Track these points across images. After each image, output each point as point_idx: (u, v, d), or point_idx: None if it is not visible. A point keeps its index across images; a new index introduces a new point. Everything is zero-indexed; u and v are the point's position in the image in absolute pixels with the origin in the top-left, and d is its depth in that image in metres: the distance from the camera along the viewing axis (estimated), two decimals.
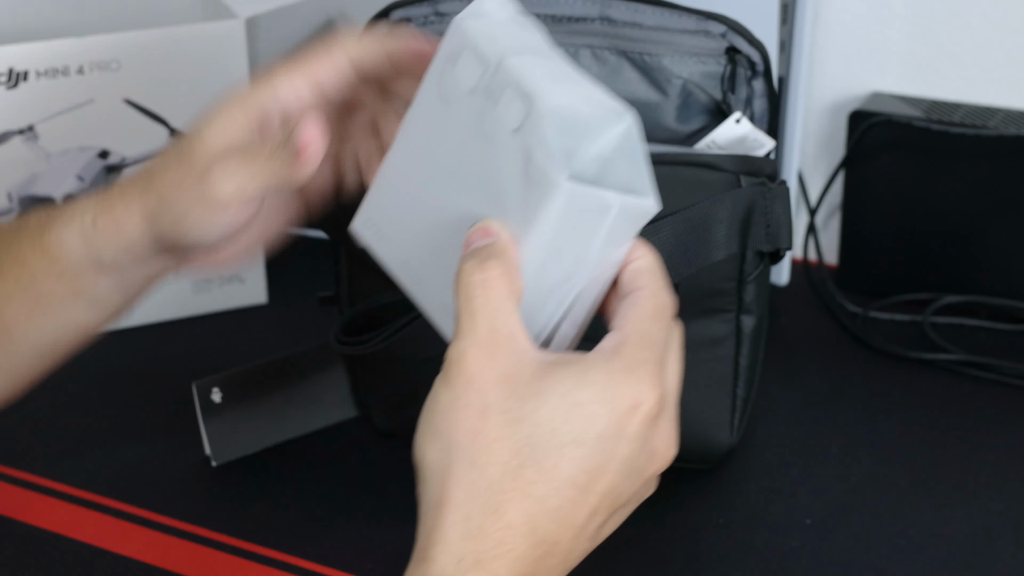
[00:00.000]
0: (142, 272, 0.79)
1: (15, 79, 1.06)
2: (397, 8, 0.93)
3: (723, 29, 0.89)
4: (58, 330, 0.81)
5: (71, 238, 0.78)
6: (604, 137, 0.65)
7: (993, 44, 1.15)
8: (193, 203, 0.74)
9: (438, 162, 0.68)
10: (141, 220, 0.76)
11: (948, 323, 1.13)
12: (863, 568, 0.86)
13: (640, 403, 0.62)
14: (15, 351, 0.81)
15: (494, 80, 0.65)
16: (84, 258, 0.78)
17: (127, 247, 0.77)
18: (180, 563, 0.87)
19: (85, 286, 0.79)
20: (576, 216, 0.64)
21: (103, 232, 0.77)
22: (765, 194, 0.87)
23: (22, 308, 0.80)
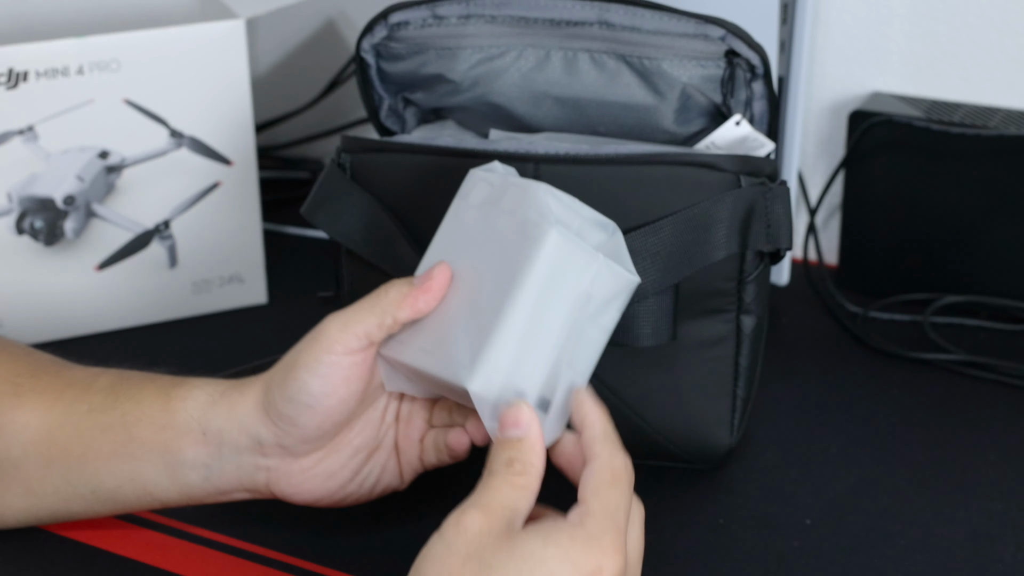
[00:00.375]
0: (233, 461, 0.82)
1: (15, 79, 1.06)
2: (396, 11, 0.93)
3: (722, 32, 0.89)
4: (128, 480, 0.84)
5: (198, 396, 0.82)
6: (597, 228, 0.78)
7: (993, 44, 1.15)
8: (302, 351, 0.79)
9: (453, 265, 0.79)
10: (258, 391, 0.81)
11: (948, 323, 1.13)
12: (863, 568, 0.86)
13: (602, 569, 0.69)
14: (80, 482, 0.84)
15: (498, 189, 0.78)
16: (196, 419, 0.82)
17: (237, 420, 0.81)
18: (180, 563, 0.87)
19: (178, 447, 0.82)
20: (564, 264, 0.75)
21: (224, 400, 0.82)
22: (765, 194, 0.87)
23: (111, 444, 0.83)
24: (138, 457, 0.83)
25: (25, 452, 0.83)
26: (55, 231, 1.10)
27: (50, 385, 0.85)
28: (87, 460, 0.83)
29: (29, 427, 0.83)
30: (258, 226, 1.16)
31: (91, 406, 0.83)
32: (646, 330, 0.87)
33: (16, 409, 0.84)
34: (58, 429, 0.83)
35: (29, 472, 0.84)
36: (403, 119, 0.99)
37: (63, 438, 0.83)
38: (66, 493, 0.84)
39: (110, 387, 0.84)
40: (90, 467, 0.83)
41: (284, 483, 0.83)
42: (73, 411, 0.83)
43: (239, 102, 1.12)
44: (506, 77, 0.92)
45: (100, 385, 0.85)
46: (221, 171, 1.13)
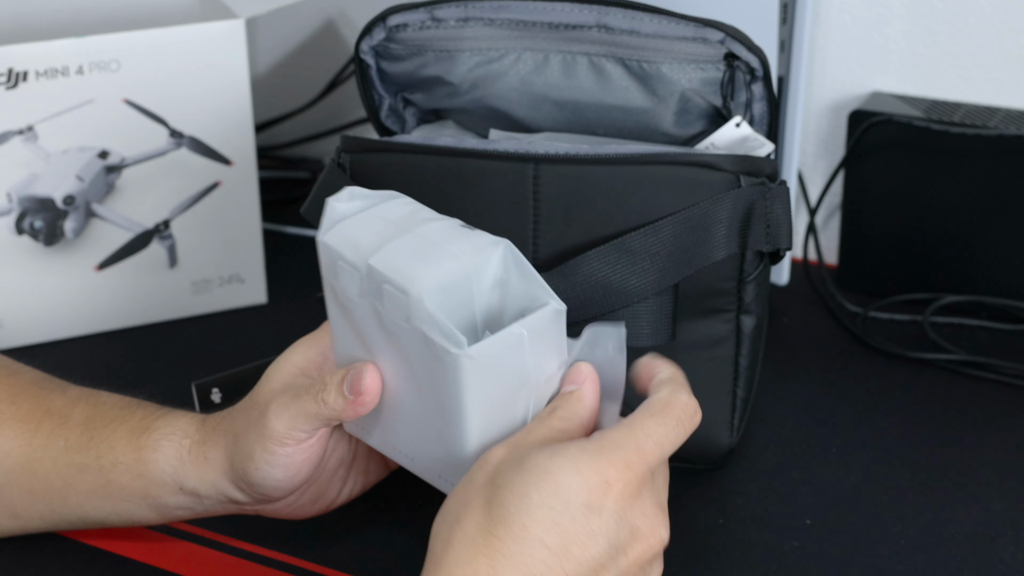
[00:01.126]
0: (217, 504, 0.82)
1: (15, 79, 1.05)
2: (394, 13, 0.93)
3: (721, 36, 0.88)
4: (113, 515, 0.84)
5: (166, 453, 0.81)
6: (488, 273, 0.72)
7: (993, 44, 1.15)
8: (255, 441, 0.78)
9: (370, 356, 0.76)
10: (224, 460, 0.80)
11: (948, 323, 1.13)
12: (863, 568, 0.86)
13: (611, 482, 0.66)
14: (63, 512, 0.84)
15: (371, 282, 0.72)
16: (169, 476, 0.81)
17: (210, 483, 0.80)
18: (180, 563, 0.87)
19: (159, 496, 0.82)
20: (496, 362, 0.71)
21: (193, 462, 0.81)
22: (765, 194, 0.87)
23: (90, 484, 0.83)
24: (118, 498, 0.83)
25: (8, 479, 0.84)
26: (55, 231, 1.10)
27: (30, 413, 0.84)
28: (68, 496, 0.83)
29: (10, 455, 0.83)
30: (258, 226, 1.16)
31: (67, 442, 0.83)
32: (646, 330, 0.87)
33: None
34: (37, 462, 0.83)
35: (13, 498, 0.84)
36: (403, 119, 0.99)
37: (43, 472, 0.83)
38: (52, 520, 0.85)
39: (85, 422, 0.83)
40: (73, 502, 0.83)
41: (269, 513, 0.83)
42: (51, 445, 0.83)
43: (239, 102, 1.12)
44: (505, 80, 0.92)
45: (76, 419, 0.84)
46: (221, 171, 1.13)
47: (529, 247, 0.88)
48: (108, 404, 0.85)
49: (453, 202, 0.89)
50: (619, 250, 0.86)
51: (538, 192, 0.88)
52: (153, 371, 1.08)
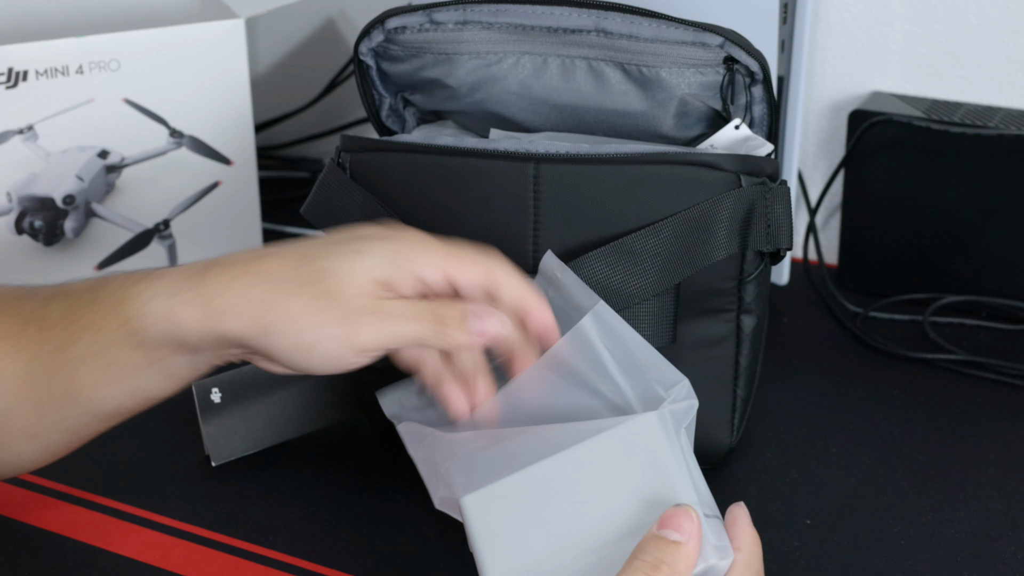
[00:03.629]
0: (215, 355, 0.80)
1: (15, 79, 1.06)
2: (393, 16, 0.93)
3: (720, 40, 0.88)
4: (125, 397, 0.81)
5: (154, 314, 0.78)
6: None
7: (993, 44, 1.15)
8: (328, 340, 0.75)
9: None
10: (247, 326, 0.76)
11: (948, 323, 1.13)
12: (863, 568, 0.86)
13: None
14: (77, 413, 0.82)
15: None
16: (164, 335, 0.78)
17: (218, 340, 0.77)
18: (180, 563, 0.87)
19: (160, 358, 0.79)
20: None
21: (195, 320, 0.77)
22: (765, 194, 0.87)
23: (92, 373, 0.80)
24: (124, 377, 0.80)
25: (15, 399, 0.81)
26: (55, 231, 1.10)
27: (9, 328, 0.81)
28: (75, 393, 0.81)
29: (6, 375, 0.81)
30: (258, 226, 1.16)
31: (55, 343, 0.80)
32: (647, 332, 0.87)
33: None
34: (34, 371, 0.80)
35: (24, 418, 0.82)
36: (403, 119, 0.99)
37: (43, 379, 0.80)
38: (69, 425, 0.82)
39: (65, 317, 0.80)
40: (81, 397, 0.81)
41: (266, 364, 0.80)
42: (41, 351, 0.80)
43: (239, 102, 1.12)
44: (503, 84, 0.92)
45: (54, 317, 0.81)
46: (221, 171, 1.13)
47: (529, 247, 0.88)
48: (80, 290, 0.82)
49: (453, 202, 0.89)
50: (620, 251, 0.86)
51: (538, 191, 0.88)
52: None
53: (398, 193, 0.90)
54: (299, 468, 0.95)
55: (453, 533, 0.89)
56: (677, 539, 0.69)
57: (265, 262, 0.78)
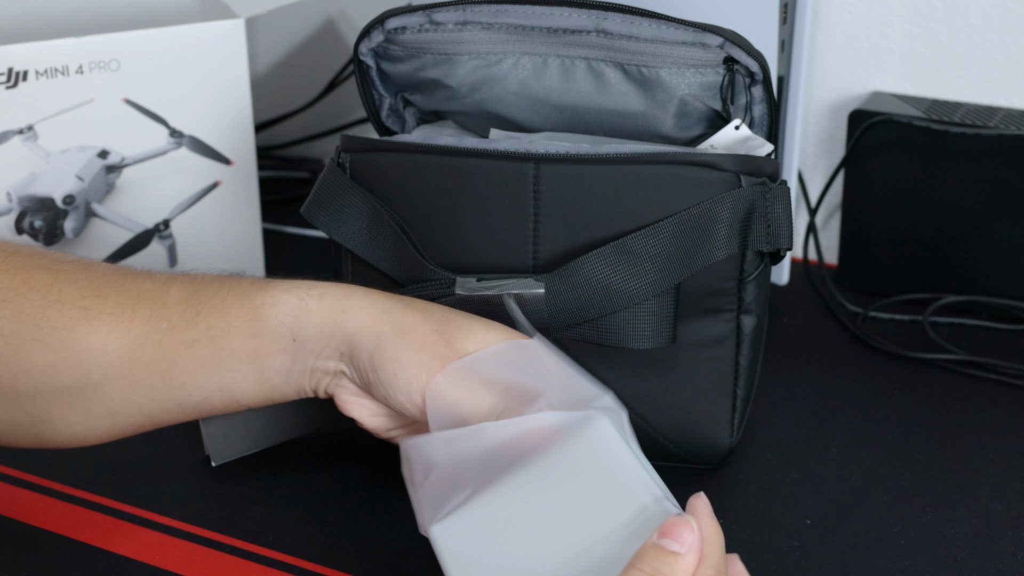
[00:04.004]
0: (310, 364, 0.82)
1: (15, 79, 1.06)
2: (392, 16, 0.93)
3: (720, 41, 0.88)
4: (216, 390, 0.83)
5: (288, 301, 0.81)
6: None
7: (993, 44, 1.15)
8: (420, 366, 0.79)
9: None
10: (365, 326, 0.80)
11: (948, 323, 1.13)
12: (863, 568, 0.86)
13: None
14: (166, 398, 0.83)
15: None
16: (288, 324, 0.81)
17: (331, 335, 0.80)
18: (180, 563, 0.87)
19: (267, 353, 0.81)
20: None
21: (320, 309, 0.81)
22: (765, 194, 0.87)
23: (198, 357, 0.82)
24: (227, 368, 0.81)
25: (107, 375, 0.81)
26: (55, 231, 1.10)
27: (120, 303, 0.82)
28: (173, 376, 0.81)
29: (108, 350, 0.81)
30: (258, 226, 1.16)
31: (171, 323, 0.81)
32: (647, 332, 0.87)
33: (91, 335, 0.81)
34: (139, 349, 0.81)
35: (112, 394, 0.82)
36: (403, 119, 0.99)
37: (145, 357, 0.81)
38: (151, 409, 0.83)
39: (186, 300, 0.82)
40: (176, 382, 0.82)
41: (339, 396, 0.83)
42: (153, 329, 0.81)
43: (239, 102, 1.12)
44: (503, 84, 0.92)
45: (174, 299, 0.82)
46: (221, 171, 1.13)
47: (529, 247, 0.88)
48: (207, 279, 0.84)
49: (453, 202, 0.89)
50: (620, 251, 0.86)
51: (538, 191, 0.88)
52: None
53: (398, 193, 0.90)
54: (299, 468, 0.95)
55: None
56: (677, 550, 0.68)
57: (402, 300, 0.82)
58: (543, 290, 0.86)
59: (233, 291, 0.82)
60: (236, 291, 0.82)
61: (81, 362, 0.81)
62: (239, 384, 0.82)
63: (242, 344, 0.81)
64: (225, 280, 0.83)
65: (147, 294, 0.82)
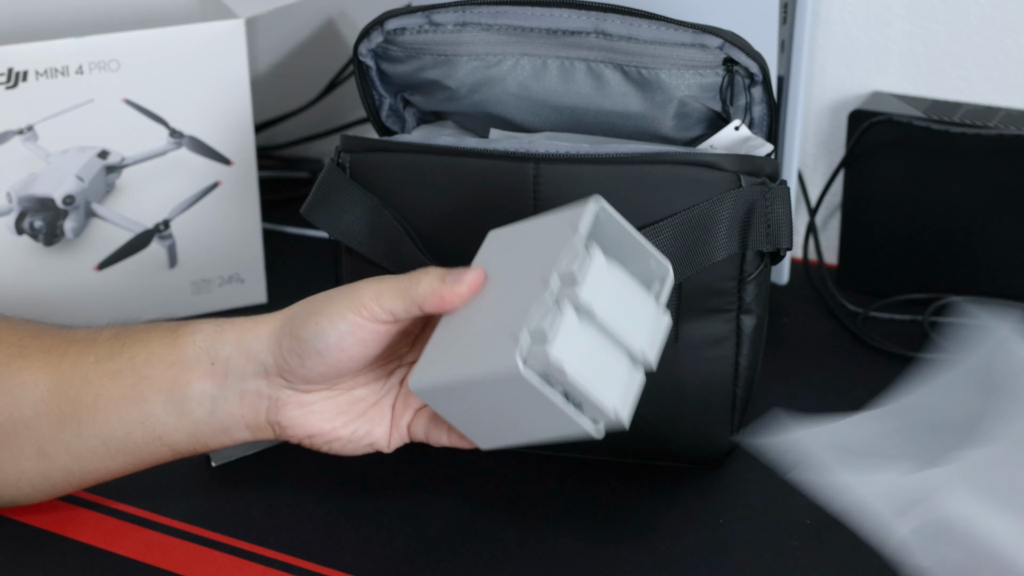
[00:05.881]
0: (237, 390, 0.83)
1: (15, 79, 1.06)
2: (392, 17, 0.93)
3: (720, 42, 0.88)
4: (137, 424, 0.84)
5: (205, 328, 0.84)
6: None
7: (993, 44, 1.15)
8: (329, 302, 0.80)
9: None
10: (276, 321, 0.82)
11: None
12: (863, 568, 0.86)
13: None
14: (90, 434, 0.85)
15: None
16: (204, 349, 0.83)
17: (247, 346, 0.82)
18: (180, 563, 0.87)
19: (186, 381, 0.83)
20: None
21: (233, 327, 0.83)
22: (765, 194, 0.87)
23: (120, 388, 0.84)
24: (147, 398, 0.83)
25: (36, 411, 0.84)
26: (55, 231, 1.10)
27: (54, 343, 0.86)
28: (97, 408, 0.84)
29: (38, 384, 0.84)
30: (258, 226, 1.16)
31: (97, 356, 0.84)
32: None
33: (24, 370, 0.85)
34: (67, 383, 0.84)
35: (41, 431, 0.84)
36: (403, 119, 0.99)
37: (72, 391, 0.84)
38: (77, 449, 0.85)
39: (115, 336, 0.85)
40: (100, 415, 0.84)
41: (282, 414, 0.83)
42: (80, 363, 0.84)
43: (239, 102, 1.12)
44: (503, 85, 0.92)
45: (104, 337, 0.86)
46: (221, 171, 1.13)
47: None
48: (139, 323, 0.87)
49: (453, 202, 0.89)
50: None
51: (538, 191, 0.88)
52: None
53: (398, 193, 0.90)
54: (299, 468, 0.95)
55: (453, 534, 0.89)
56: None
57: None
58: None
59: (160, 327, 0.85)
60: (163, 327, 0.85)
61: (13, 397, 0.84)
62: (159, 416, 0.84)
63: (161, 372, 0.83)
64: (156, 322, 0.87)
65: (81, 336, 0.86)
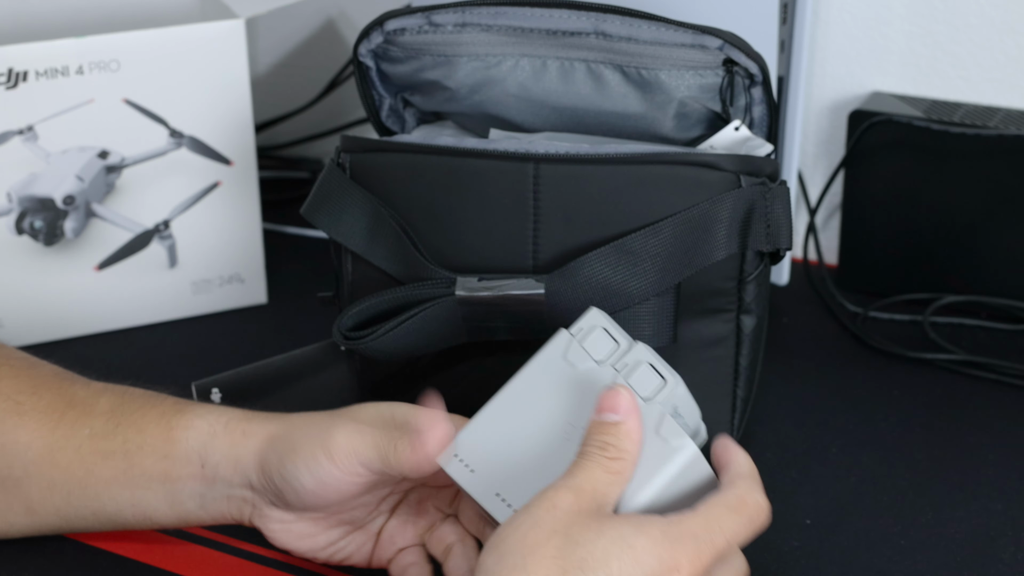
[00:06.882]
0: (225, 493, 0.82)
1: (15, 79, 1.06)
2: (391, 18, 0.92)
3: (720, 43, 0.88)
4: (129, 506, 0.83)
5: (198, 430, 0.82)
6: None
7: (993, 44, 1.15)
8: (309, 441, 0.78)
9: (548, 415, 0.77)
10: (264, 441, 0.80)
11: (948, 323, 1.13)
12: (863, 568, 0.87)
13: (681, 568, 0.69)
14: (80, 504, 0.84)
15: (627, 357, 0.77)
16: (195, 450, 0.81)
17: (235, 459, 0.81)
18: (180, 563, 0.87)
19: (177, 476, 0.82)
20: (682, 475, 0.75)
21: (226, 434, 0.81)
22: (765, 194, 0.87)
23: (112, 469, 0.83)
24: (139, 485, 0.83)
25: (27, 472, 0.83)
26: (55, 231, 1.10)
27: (52, 404, 0.84)
28: (88, 484, 0.83)
29: (31, 447, 0.83)
30: (258, 226, 1.16)
31: (92, 430, 0.83)
32: (647, 332, 0.87)
33: (19, 428, 0.84)
34: (59, 452, 0.83)
35: (30, 492, 0.84)
36: (403, 119, 0.99)
37: (64, 461, 0.83)
38: (67, 513, 0.84)
39: (111, 410, 0.84)
40: (91, 491, 0.83)
41: (263, 524, 0.83)
42: (75, 434, 0.83)
43: (239, 102, 1.12)
44: (503, 86, 0.92)
45: (102, 407, 0.84)
46: (221, 171, 1.13)
47: (529, 247, 0.88)
48: (135, 393, 0.85)
49: (453, 202, 0.89)
50: (620, 251, 0.86)
51: (538, 192, 0.88)
52: (153, 371, 1.08)
53: (398, 193, 0.90)
54: None
55: None
56: (616, 419, 0.72)
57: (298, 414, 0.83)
58: (543, 290, 0.86)
59: (155, 408, 0.84)
60: (157, 409, 0.84)
61: (5, 455, 0.84)
62: (150, 503, 0.83)
63: (154, 464, 0.82)
64: (150, 397, 0.85)
65: (79, 400, 0.85)
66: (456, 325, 0.89)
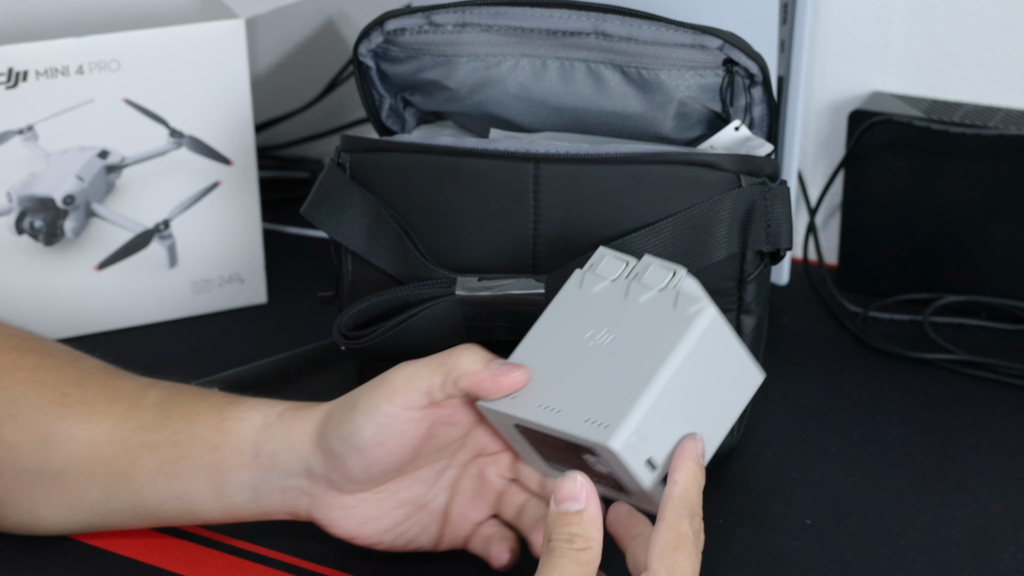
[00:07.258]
0: (280, 484, 0.81)
1: (15, 79, 1.06)
2: (391, 18, 0.93)
3: (720, 43, 0.88)
4: (172, 498, 0.82)
5: (253, 417, 0.81)
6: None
7: (993, 44, 1.15)
8: (365, 394, 0.78)
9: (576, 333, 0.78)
10: (320, 418, 0.79)
11: (948, 323, 1.13)
12: (863, 568, 0.87)
13: None
14: (120, 498, 0.83)
15: (636, 267, 0.79)
16: (249, 439, 0.80)
17: (291, 444, 0.80)
18: (180, 563, 0.87)
19: (227, 467, 0.81)
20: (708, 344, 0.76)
21: (281, 423, 0.80)
22: (765, 194, 0.87)
23: (158, 462, 0.82)
24: (186, 477, 0.81)
25: (68, 465, 0.82)
26: (55, 231, 1.10)
27: (98, 396, 0.83)
28: (131, 477, 0.82)
29: (74, 440, 0.82)
30: (258, 226, 1.16)
31: (140, 423, 0.82)
32: None
33: (63, 420, 0.82)
34: (104, 444, 0.82)
35: (69, 485, 0.83)
36: (403, 119, 0.99)
37: (109, 454, 0.82)
38: (104, 508, 0.83)
39: (160, 403, 0.83)
40: (134, 484, 0.82)
41: (324, 514, 0.81)
42: (121, 427, 0.82)
43: (239, 102, 1.12)
44: (503, 86, 0.92)
45: (149, 400, 0.83)
46: (221, 171, 1.13)
47: (529, 247, 0.88)
48: (184, 387, 0.85)
49: (453, 202, 0.89)
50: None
51: (538, 192, 0.88)
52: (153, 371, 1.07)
53: (398, 193, 0.90)
54: None
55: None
56: (578, 508, 0.72)
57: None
58: (543, 290, 0.87)
59: (205, 400, 0.83)
60: (208, 401, 0.83)
61: (46, 447, 0.82)
62: (195, 495, 0.82)
63: (203, 455, 0.81)
64: (199, 390, 0.84)
65: (126, 393, 0.84)
66: (456, 325, 0.89)
